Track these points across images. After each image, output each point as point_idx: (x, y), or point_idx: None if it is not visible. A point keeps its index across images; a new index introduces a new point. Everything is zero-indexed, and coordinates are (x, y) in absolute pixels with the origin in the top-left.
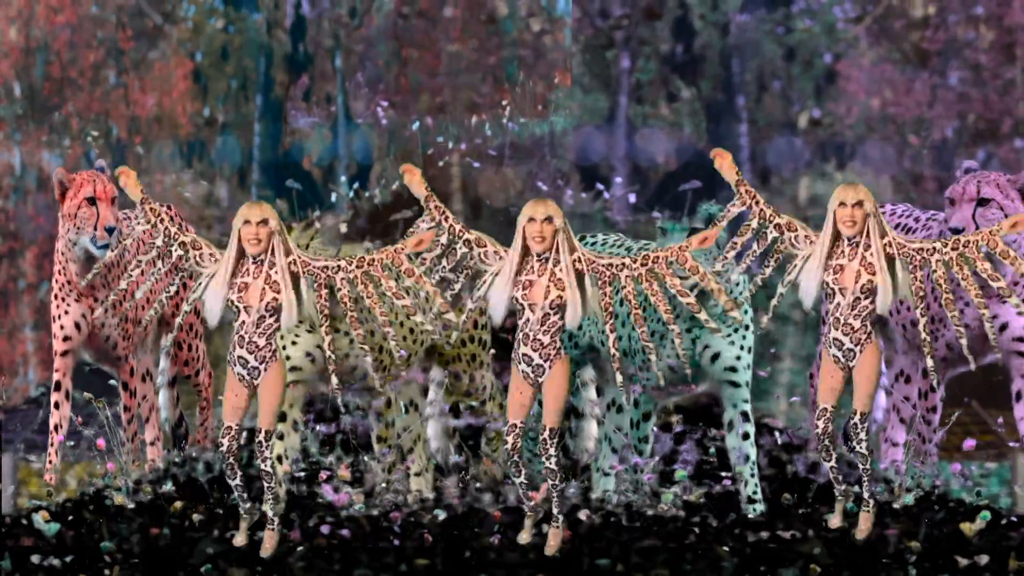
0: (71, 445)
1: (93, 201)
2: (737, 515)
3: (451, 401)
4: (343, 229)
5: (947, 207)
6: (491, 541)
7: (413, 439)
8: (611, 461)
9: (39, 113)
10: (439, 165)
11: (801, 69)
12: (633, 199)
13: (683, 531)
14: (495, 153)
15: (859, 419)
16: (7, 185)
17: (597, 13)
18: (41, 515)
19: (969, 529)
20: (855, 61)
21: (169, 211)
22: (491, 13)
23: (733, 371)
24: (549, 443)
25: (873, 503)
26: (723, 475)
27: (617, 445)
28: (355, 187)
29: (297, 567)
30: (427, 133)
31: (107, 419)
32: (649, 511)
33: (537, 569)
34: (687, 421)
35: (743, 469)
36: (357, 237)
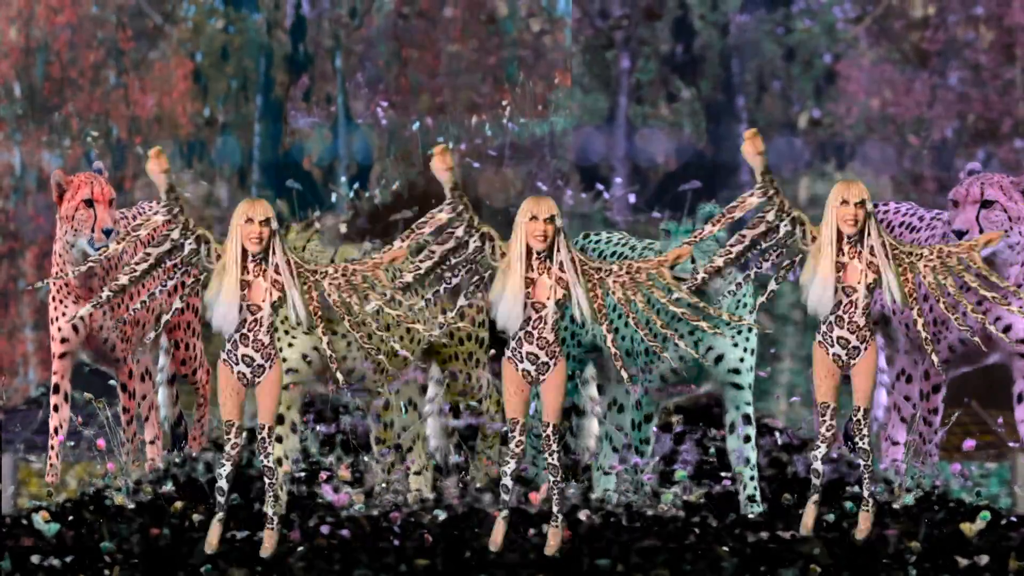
0: (71, 445)
1: (91, 203)
2: (737, 515)
3: (447, 400)
4: (343, 229)
5: (950, 209)
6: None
7: (412, 438)
8: (612, 460)
9: (39, 113)
10: None
11: (801, 69)
12: (633, 199)
13: (683, 531)
14: (495, 153)
15: (862, 415)
16: (7, 185)
17: (597, 13)
18: (41, 515)
19: (969, 529)
20: (855, 61)
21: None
22: (491, 13)
23: (737, 373)
24: (552, 439)
25: (872, 503)
26: (723, 475)
27: (618, 444)
28: (355, 187)
29: (297, 567)
30: (427, 133)
31: (107, 419)
32: (649, 511)
33: (537, 569)
34: (687, 421)
35: (743, 471)
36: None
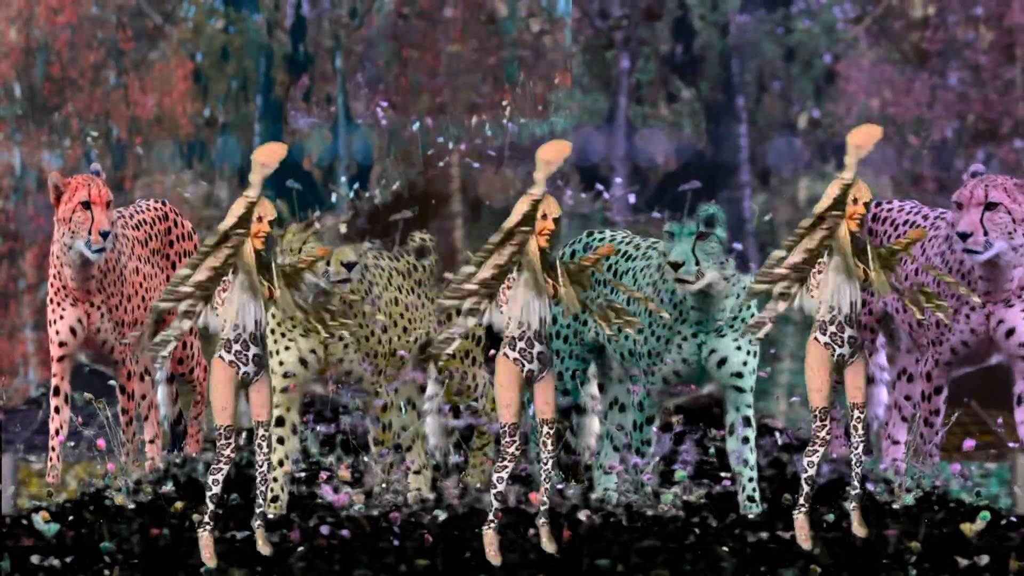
0: (71, 445)
1: (88, 205)
2: (737, 515)
3: (445, 399)
4: (343, 229)
5: (954, 211)
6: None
7: (412, 437)
8: (613, 459)
9: (39, 113)
10: (439, 166)
11: (801, 69)
12: (633, 199)
13: (683, 531)
14: (495, 154)
15: (860, 412)
16: (7, 185)
17: (597, 13)
18: (41, 515)
19: (969, 529)
20: (855, 61)
21: (164, 207)
22: (491, 13)
23: (739, 376)
24: (551, 436)
25: (859, 498)
26: (723, 475)
27: (619, 444)
28: (355, 187)
29: (297, 567)
30: (427, 133)
31: (107, 419)
32: (649, 511)
33: (537, 569)
34: (687, 421)
35: (742, 472)
36: (357, 237)
